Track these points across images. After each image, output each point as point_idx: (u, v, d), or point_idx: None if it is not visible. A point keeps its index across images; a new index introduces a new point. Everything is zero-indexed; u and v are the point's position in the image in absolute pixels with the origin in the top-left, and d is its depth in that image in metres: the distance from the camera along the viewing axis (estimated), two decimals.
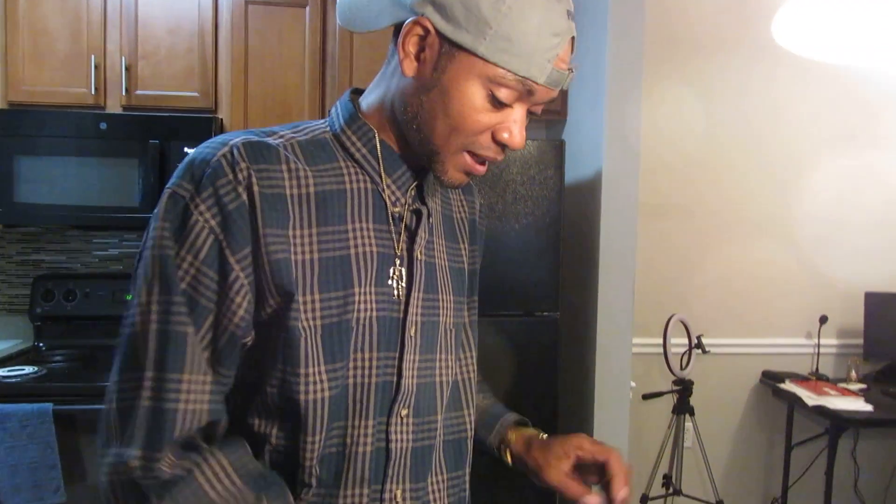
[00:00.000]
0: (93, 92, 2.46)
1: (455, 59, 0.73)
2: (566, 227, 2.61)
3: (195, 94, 2.53)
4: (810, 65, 3.28)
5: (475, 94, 0.73)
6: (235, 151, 0.74)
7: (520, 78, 0.72)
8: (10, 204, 2.40)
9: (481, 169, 0.80)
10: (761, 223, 3.33)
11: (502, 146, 0.78)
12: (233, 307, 0.73)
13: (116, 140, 2.42)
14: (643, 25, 2.38)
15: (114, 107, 2.49)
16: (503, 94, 0.73)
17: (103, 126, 2.41)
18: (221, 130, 2.54)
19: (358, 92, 0.87)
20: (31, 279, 2.72)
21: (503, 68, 0.72)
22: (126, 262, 2.85)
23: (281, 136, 0.79)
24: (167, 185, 0.75)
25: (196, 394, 0.72)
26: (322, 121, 0.86)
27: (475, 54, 0.72)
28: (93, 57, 2.45)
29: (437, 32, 0.73)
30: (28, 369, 2.30)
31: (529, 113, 0.79)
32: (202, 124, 2.46)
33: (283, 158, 0.76)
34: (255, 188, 0.73)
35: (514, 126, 0.76)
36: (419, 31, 0.74)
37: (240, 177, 0.72)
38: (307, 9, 2.57)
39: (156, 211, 0.74)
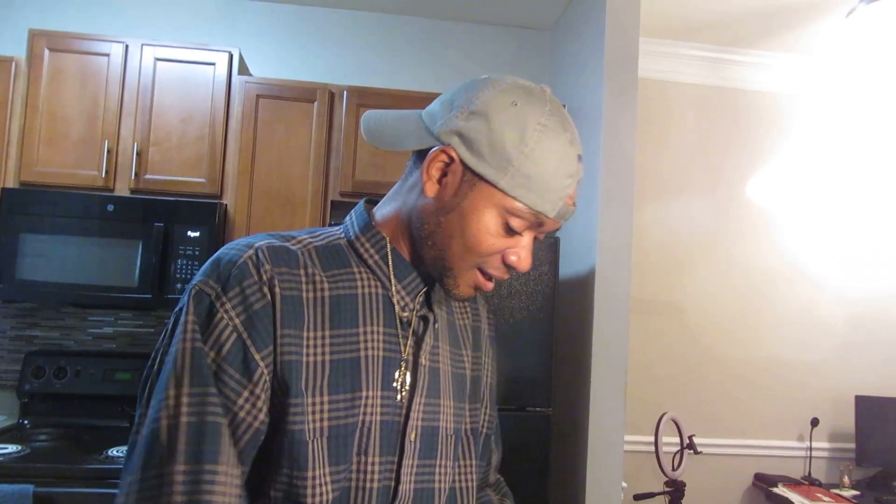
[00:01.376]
0: (103, 175, 2.53)
1: (476, 188, 0.79)
2: (559, 322, 2.64)
3: (202, 179, 2.60)
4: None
5: (491, 221, 0.79)
6: (260, 254, 0.78)
7: (534, 212, 0.79)
8: (11, 280, 2.42)
9: (490, 285, 0.85)
10: (752, 324, 3.37)
11: (509, 267, 0.83)
12: (258, 403, 0.75)
13: (122, 222, 2.48)
14: (635, 126, 2.50)
15: (122, 190, 2.56)
16: (516, 223, 0.80)
17: (110, 208, 2.47)
18: (225, 216, 2.61)
19: (371, 202, 0.92)
20: (23, 354, 2.71)
21: (521, 202, 0.78)
22: (120, 341, 2.85)
23: (299, 242, 0.84)
24: (192, 282, 0.78)
25: (230, 486, 0.73)
26: (337, 227, 0.91)
27: (496, 186, 0.78)
28: (106, 142, 2.54)
29: (462, 162, 0.79)
30: (11, 448, 2.25)
31: (534, 238, 0.85)
32: (207, 209, 2.53)
33: (302, 263, 0.81)
34: (277, 289, 0.77)
35: (522, 251, 0.82)
36: (444, 158, 0.80)
37: (264, 278, 0.77)
38: (315, 104, 2.69)
39: (180, 307, 0.77)
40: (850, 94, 3.52)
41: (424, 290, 0.88)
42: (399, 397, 0.83)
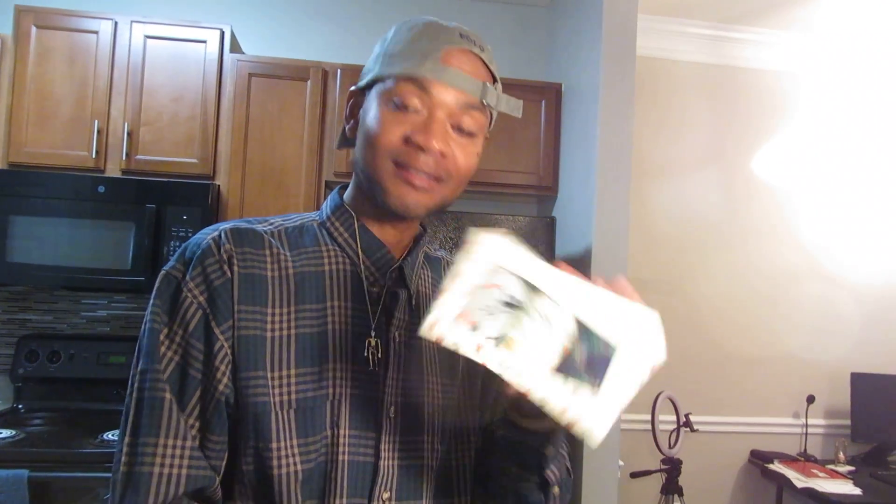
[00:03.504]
0: (93, 155, 2.49)
1: (366, 97, 0.86)
2: None
3: (194, 160, 2.57)
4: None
5: (381, 108, 0.82)
6: (223, 235, 0.82)
7: (406, 76, 0.80)
8: (1, 263, 2.39)
9: (416, 178, 0.81)
10: (748, 302, 3.37)
11: (421, 149, 0.80)
12: (218, 375, 0.77)
13: (114, 203, 2.44)
14: (633, 104, 2.47)
15: (113, 171, 2.52)
16: (400, 95, 0.80)
17: (101, 189, 2.44)
18: (218, 197, 2.57)
19: (346, 187, 0.95)
20: (16, 339, 2.69)
21: (392, 75, 0.82)
22: (113, 324, 2.82)
23: (270, 224, 0.87)
24: (164, 268, 0.82)
25: (172, 458, 0.75)
26: (313, 213, 0.93)
27: (373, 80, 0.84)
28: (96, 122, 2.50)
29: (357, 89, 0.88)
30: (5, 432, 2.23)
31: (461, 132, 0.83)
32: (200, 190, 2.49)
33: (267, 244, 0.84)
34: (236, 267, 0.80)
35: (424, 128, 0.80)
36: (350, 98, 0.90)
37: (224, 256, 0.80)
38: (308, 82, 2.65)
39: (154, 290, 0.81)
40: (857, 72, 3.49)
41: (396, 265, 0.88)
42: (371, 367, 0.83)
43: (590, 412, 0.62)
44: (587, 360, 0.63)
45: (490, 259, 0.65)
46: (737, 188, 3.40)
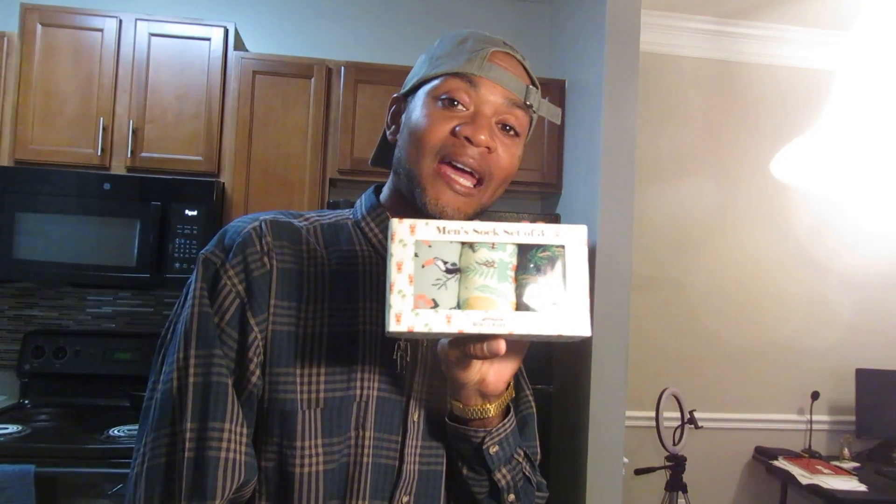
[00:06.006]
0: (99, 153, 2.50)
1: (412, 100, 0.86)
2: None
3: (199, 158, 2.57)
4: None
5: (428, 106, 0.83)
6: (264, 226, 0.81)
7: (455, 72, 0.82)
8: (7, 260, 2.40)
9: (461, 179, 0.81)
10: (753, 298, 3.36)
11: (469, 142, 0.80)
12: (251, 367, 0.77)
13: (119, 200, 2.45)
14: (637, 100, 2.46)
15: (118, 168, 2.53)
16: (449, 93, 0.81)
17: (107, 186, 2.45)
18: (223, 194, 2.58)
19: (381, 187, 0.94)
20: (22, 335, 2.70)
21: (441, 74, 0.83)
22: (119, 320, 2.84)
23: (306, 219, 0.87)
24: (201, 251, 0.81)
25: (234, 443, 0.75)
26: (347, 210, 0.93)
27: (421, 82, 0.85)
28: (101, 119, 2.51)
29: (402, 96, 0.90)
30: (11, 428, 2.25)
31: (505, 130, 0.84)
32: (204, 188, 2.50)
33: (305, 240, 0.83)
34: (275, 261, 0.79)
35: (472, 121, 0.81)
36: (392, 105, 0.91)
37: (265, 248, 0.79)
38: (312, 80, 2.65)
39: (192, 276, 0.80)
40: (861, 65, 3.47)
41: None
42: (398, 373, 0.83)
43: (567, 318, 0.68)
44: (539, 278, 0.68)
45: (414, 239, 0.68)
46: (738, 183, 3.39)
